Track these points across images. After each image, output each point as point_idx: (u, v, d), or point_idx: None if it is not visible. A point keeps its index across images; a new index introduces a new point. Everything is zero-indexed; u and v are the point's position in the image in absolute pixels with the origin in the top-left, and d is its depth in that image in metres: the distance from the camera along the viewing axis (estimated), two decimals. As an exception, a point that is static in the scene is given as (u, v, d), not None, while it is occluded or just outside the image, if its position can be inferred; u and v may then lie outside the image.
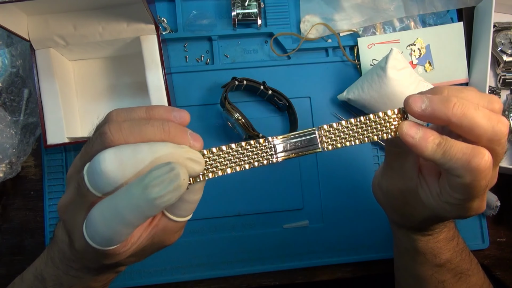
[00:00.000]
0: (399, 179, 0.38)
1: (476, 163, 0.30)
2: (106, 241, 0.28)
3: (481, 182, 0.31)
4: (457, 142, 0.31)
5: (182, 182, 0.26)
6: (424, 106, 0.31)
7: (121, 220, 0.26)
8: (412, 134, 0.31)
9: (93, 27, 0.52)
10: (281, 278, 0.59)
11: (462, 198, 0.33)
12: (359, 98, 0.58)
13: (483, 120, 0.30)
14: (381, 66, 0.56)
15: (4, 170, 0.55)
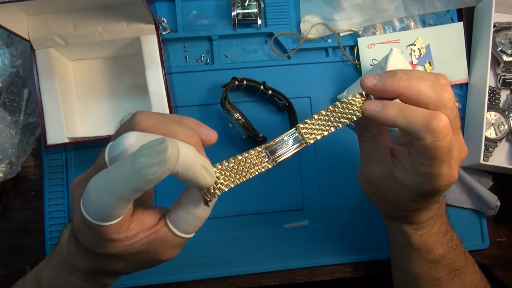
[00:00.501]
0: (376, 165, 0.41)
1: (435, 123, 0.34)
2: (98, 214, 0.28)
3: (442, 143, 0.34)
4: (417, 108, 0.35)
5: (169, 156, 0.25)
6: (375, 81, 0.36)
7: (111, 191, 0.26)
8: (373, 108, 0.36)
9: (93, 27, 0.52)
10: (281, 278, 0.59)
11: (429, 164, 0.36)
12: None
13: (427, 88, 0.35)
14: (381, 66, 0.56)
15: (4, 170, 0.55)
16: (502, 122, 0.61)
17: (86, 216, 0.28)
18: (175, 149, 0.25)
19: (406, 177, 0.39)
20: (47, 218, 0.57)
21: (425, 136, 0.34)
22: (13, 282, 0.56)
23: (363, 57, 0.62)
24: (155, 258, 0.34)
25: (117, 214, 0.29)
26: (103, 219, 0.28)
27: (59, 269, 0.37)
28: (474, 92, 0.61)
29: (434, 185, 0.38)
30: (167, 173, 0.26)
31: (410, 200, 0.41)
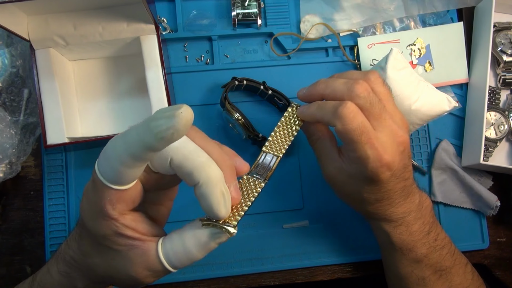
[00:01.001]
0: (328, 164, 0.46)
1: (340, 110, 0.40)
2: (110, 170, 0.28)
3: (351, 125, 0.40)
4: (330, 102, 0.42)
5: (178, 113, 0.25)
6: (304, 91, 0.47)
7: (125, 145, 0.27)
8: (302, 110, 0.45)
9: (93, 27, 0.52)
10: (281, 278, 0.59)
11: (353, 148, 0.41)
12: None
13: (340, 85, 0.42)
14: (381, 66, 0.56)
15: (4, 170, 0.55)
16: (502, 122, 0.61)
17: (98, 174, 0.29)
18: (187, 110, 0.25)
19: (349, 167, 0.44)
20: (47, 218, 0.57)
21: (335, 122, 0.41)
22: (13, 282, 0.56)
23: (363, 57, 0.62)
24: (127, 270, 0.32)
25: (126, 176, 0.29)
26: (113, 179, 0.29)
27: (50, 263, 0.37)
28: (474, 92, 0.62)
29: (367, 168, 0.42)
30: (174, 132, 0.25)
31: (363, 190, 0.45)
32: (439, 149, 0.61)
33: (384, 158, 0.41)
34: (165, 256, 0.31)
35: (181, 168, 0.29)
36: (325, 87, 0.44)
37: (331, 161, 0.46)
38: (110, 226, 0.31)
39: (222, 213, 0.30)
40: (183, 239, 0.31)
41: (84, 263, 0.35)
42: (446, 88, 0.63)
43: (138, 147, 0.27)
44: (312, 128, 0.47)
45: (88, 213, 0.31)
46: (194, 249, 0.31)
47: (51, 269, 0.37)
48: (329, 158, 0.46)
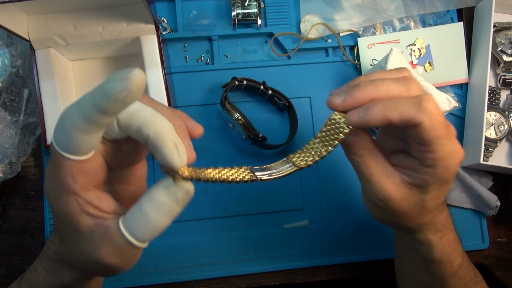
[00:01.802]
0: (383, 182, 0.38)
1: (425, 103, 0.33)
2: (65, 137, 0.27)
3: (440, 119, 0.34)
4: (401, 97, 0.34)
5: (132, 75, 0.25)
6: (343, 97, 0.35)
7: (78, 108, 0.26)
8: (358, 115, 0.34)
9: (93, 27, 0.52)
10: (281, 278, 0.59)
11: (436, 148, 0.34)
12: None
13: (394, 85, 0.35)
14: (381, 66, 0.56)
15: (4, 170, 0.55)
16: (502, 122, 0.61)
17: (54, 145, 0.28)
18: (139, 72, 0.25)
19: (417, 176, 0.36)
20: (47, 218, 0.57)
21: (423, 118, 0.33)
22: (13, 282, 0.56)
23: (363, 57, 0.62)
24: (92, 253, 0.30)
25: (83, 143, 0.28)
26: (70, 148, 0.28)
27: (36, 262, 0.37)
28: (474, 92, 0.62)
29: (449, 167, 0.35)
30: (128, 94, 0.25)
31: (428, 198, 0.38)
32: (439, 149, 0.61)
33: (462, 152, 0.36)
34: (126, 228, 0.29)
35: (128, 126, 0.29)
36: (374, 89, 0.35)
37: (387, 177, 0.38)
38: (72, 202, 0.29)
39: (176, 160, 0.28)
40: (141, 205, 0.29)
41: (63, 253, 0.34)
42: (446, 88, 0.63)
43: (92, 110, 0.26)
44: (358, 140, 0.38)
45: (51, 191, 0.30)
46: (153, 213, 0.29)
47: (36, 267, 0.36)
48: (385, 173, 0.38)
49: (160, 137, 0.28)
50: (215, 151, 0.60)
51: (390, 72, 0.38)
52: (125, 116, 0.29)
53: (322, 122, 0.61)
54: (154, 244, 0.58)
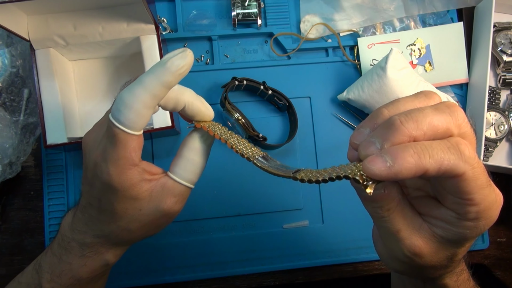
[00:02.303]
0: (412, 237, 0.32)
1: (463, 149, 0.27)
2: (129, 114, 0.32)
3: (480, 165, 0.28)
4: (433, 141, 0.27)
5: (188, 53, 0.32)
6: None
7: (143, 86, 0.31)
8: (382, 166, 0.26)
9: (93, 27, 0.52)
10: (281, 278, 0.59)
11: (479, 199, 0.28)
12: (359, 98, 0.58)
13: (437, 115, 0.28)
14: (381, 66, 0.56)
15: (4, 170, 0.55)
16: (502, 122, 0.61)
17: (117, 125, 0.32)
18: (190, 51, 0.33)
19: (454, 231, 0.30)
20: (47, 218, 0.57)
21: (465, 168, 0.27)
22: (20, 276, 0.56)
23: (363, 57, 0.62)
24: (159, 208, 0.36)
25: (146, 118, 0.32)
26: (133, 125, 0.32)
27: (61, 253, 0.39)
28: (474, 92, 0.62)
29: (492, 217, 0.30)
30: (187, 68, 0.32)
31: (462, 251, 0.33)
32: (439, 149, 0.61)
33: (502, 198, 0.30)
34: (178, 176, 0.36)
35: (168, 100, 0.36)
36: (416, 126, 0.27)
37: (416, 231, 0.32)
38: (135, 174, 0.34)
39: (210, 112, 0.37)
40: (183, 155, 0.36)
41: (110, 234, 0.37)
42: (446, 88, 0.63)
43: (157, 86, 0.32)
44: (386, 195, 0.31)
45: (114, 172, 0.34)
46: (194, 157, 0.36)
47: (64, 258, 0.39)
48: (413, 228, 0.32)
49: (194, 102, 0.36)
50: (215, 151, 0.59)
51: (418, 98, 0.30)
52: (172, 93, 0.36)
53: (322, 122, 0.62)
54: (154, 244, 0.58)
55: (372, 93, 0.56)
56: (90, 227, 0.38)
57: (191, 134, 0.37)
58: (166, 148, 0.59)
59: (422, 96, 0.30)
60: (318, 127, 0.62)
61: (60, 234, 0.40)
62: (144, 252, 0.58)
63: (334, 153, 0.61)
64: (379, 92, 0.56)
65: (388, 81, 0.55)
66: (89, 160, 0.36)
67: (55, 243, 0.40)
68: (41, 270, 0.40)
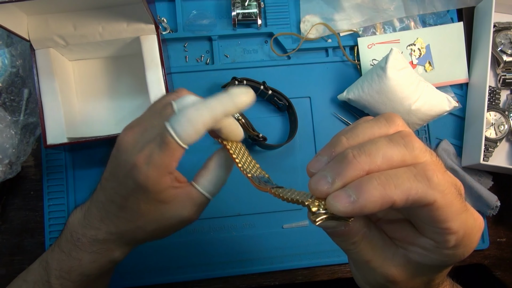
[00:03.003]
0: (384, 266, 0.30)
1: (431, 175, 0.25)
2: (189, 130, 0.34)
3: (451, 191, 0.26)
4: (398, 169, 0.26)
5: (252, 94, 0.36)
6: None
7: (210, 110, 0.34)
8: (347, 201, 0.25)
9: (93, 27, 0.52)
10: (281, 278, 0.59)
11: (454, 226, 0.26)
12: (359, 98, 0.58)
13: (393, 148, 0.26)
14: (381, 66, 0.56)
15: (4, 170, 0.55)
16: (502, 122, 0.61)
17: (175, 137, 0.34)
18: (252, 91, 0.36)
19: (432, 257, 0.29)
20: (47, 218, 0.57)
21: (435, 196, 0.25)
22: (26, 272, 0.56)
23: (363, 57, 0.62)
24: (180, 214, 0.39)
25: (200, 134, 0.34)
26: (188, 140, 0.34)
27: (70, 249, 0.40)
28: (474, 92, 0.62)
29: (472, 243, 0.28)
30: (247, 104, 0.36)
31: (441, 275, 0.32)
32: (439, 149, 0.61)
33: (482, 222, 0.28)
34: (203, 188, 0.39)
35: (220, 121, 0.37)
36: (370, 160, 0.26)
37: (389, 259, 0.30)
38: (168, 180, 0.36)
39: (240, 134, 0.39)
40: (211, 170, 0.39)
41: (129, 230, 0.39)
42: (446, 88, 0.63)
43: (220, 112, 0.35)
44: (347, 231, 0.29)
45: (154, 175, 0.35)
46: (221, 173, 0.39)
47: (74, 254, 0.39)
48: (385, 256, 0.30)
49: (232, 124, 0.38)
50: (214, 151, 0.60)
51: (378, 124, 0.29)
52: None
53: (322, 122, 0.62)
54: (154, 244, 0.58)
55: (372, 93, 0.56)
56: (106, 223, 0.39)
57: (219, 152, 0.40)
58: (166, 148, 0.59)
59: (383, 121, 0.29)
60: (318, 127, 0.62)
61: (68, 230, 0.40)
62: (144, 252, 0.58)
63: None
64: (379, 92, 0.56)
65: (388, 81, 0.55)
66: (125, 159, 0.36)
67: (63, 239, 0.41)
68: (49, 267, 0.40)
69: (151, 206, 0.37)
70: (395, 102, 0.56)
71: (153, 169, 0.35)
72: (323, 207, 0.25)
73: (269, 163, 0.60)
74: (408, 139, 0.27)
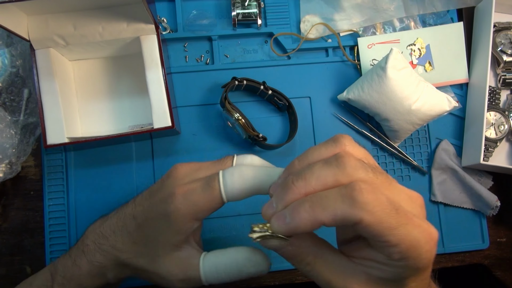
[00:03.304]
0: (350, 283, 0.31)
1: (356, 195, 0.26)
2: (238, 194, 0.35)
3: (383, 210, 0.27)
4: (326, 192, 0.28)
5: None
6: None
7: (262, 184, 0.34)
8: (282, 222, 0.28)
9: (93, 27, 0.52)
10: (281, 278, 0.59)
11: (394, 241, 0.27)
12: (359, 98, 0.58)
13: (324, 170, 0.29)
14: (381, 66, 0.56)
15: (4, 170, 0.55)
16: (502, 122, 0.61)
17: (222, 190, 0.35)
18: None
19: (388, 270, 0.29)
20: (47, 218, 0.57)
21: (360, 214, 0.26)
22: (13, 282, 0.56)
23: (363, 57, 0.62)
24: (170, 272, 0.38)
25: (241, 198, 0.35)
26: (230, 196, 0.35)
27: (77, 255, 0.40)
28: (474, 92, 0.62)
29: (421, 255, 0.28)
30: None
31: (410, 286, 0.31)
32: (439, 149, 0.61)
33: (432, 232, 0.28)
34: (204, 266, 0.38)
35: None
36: (305, 184, 0.29)
37: (350, 277, 0.31)
38: (190, 226, 0.37)
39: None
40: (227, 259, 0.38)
41: (129, 251, 0.39)
42: (446, 88, 0.63)
43: (262, 187, 0.34)
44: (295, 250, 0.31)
45: (183, 209, 0.36)
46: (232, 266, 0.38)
47: (79, 262, 0.40)
48: (346, 274, 0.31)
49: None
50: (215, 151, 0.60)
51: (325, 146, 0.31)
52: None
53: (322, 122, 0.62)
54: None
55: (372, 93, 0.56)
56: (116, 235, 0.39)
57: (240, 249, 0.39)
58: (166, 148, 0.59)
59: (331, 142, 0.31)
60: (318, 127, 0.62)
61: (82, 239, 0.41)
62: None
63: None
64: (379, 92, 0.56)
65: (388, 81, 0.55)
66: (168, 184, 0.37)
67: (75, 247, 0.41)
68: (56, 273, 0.41)
69: (161, 239, 0.37)
70: (395, 102, 0.56)
71: (186, 205, 0.35)
72: (267, 228, 0.30)
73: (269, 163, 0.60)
74: (341, 159, 0.28)
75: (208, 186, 0.35)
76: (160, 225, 0.37)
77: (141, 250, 0.38)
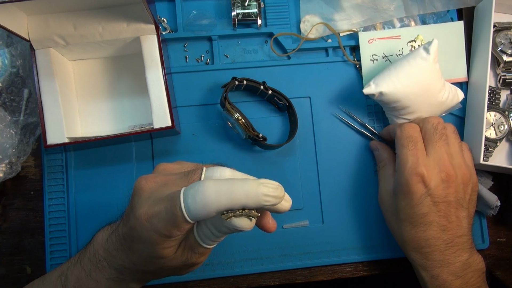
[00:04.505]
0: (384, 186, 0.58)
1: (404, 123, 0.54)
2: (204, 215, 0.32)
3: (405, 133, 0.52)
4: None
5: (282, 197, 0.34)
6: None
7: (229, 197, 0.32)
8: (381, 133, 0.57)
9: (93, 27, 0.52)
10: (281, 278, 0.59)
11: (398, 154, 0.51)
12: (395, 91, 0.54)
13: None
14: (423, 57, 0.54)
15: (4, 170, 0.55)
16: (502, 122, 0.61)
17: (184, 213, 0.33)
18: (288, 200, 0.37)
19: (393, 183, 0.53)
20: (47, 218, 0.57)
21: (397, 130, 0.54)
22: (13, 282, 0.56)
23: (363, 52, 0.62)
24: (188, 263, 0.39)
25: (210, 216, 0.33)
26: (195, 217, 0.33)
27: (91, 269, 0.39)
28: (474, 92, 0.62)
29: (404, 173, 0.49)
30: (271, 208, 0.35)
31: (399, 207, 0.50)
32: (439, 149, 0.61)
33: (419, 168, 0.47)
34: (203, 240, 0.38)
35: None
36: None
37: (386, 183, 0.54)
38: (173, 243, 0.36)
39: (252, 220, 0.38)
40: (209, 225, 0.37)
41: (136, 270, 0.39)
42: (446, 88, 0.63)
43: (239, 205, 0.33)
44: (382, 155, 0.56)
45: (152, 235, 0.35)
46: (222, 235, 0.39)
47: (93, 275, 0.39)
48: (386, 181, 0.54)
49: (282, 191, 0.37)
50: (215, 151, 0.60)
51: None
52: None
53: (322, 122, 0.62)
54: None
55: (411, 84, 0.54)
56: (119, 254, 0.38)
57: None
58: (166, 148, 0.59)
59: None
60: (318, 127, 0.62)
61: (92, 248, 0.40)
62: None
63: (334, 153, 0.61)
64: (418, 83, 0.54)
65: (431, 73, 0.54)
66: (134, 208, 0.36)
67: (85, 257, 0.40)
68: (67, 283, 0.40)
69: (155, 256, 0.37)
70: (430, 93, 0.55)
71: (154, 230, 0.34)
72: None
73: (269, 163, 0.60)
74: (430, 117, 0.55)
75: (170, 212, 0.33)
76: (146, 248, 0.36)
77: (144, 266, 0.39)
